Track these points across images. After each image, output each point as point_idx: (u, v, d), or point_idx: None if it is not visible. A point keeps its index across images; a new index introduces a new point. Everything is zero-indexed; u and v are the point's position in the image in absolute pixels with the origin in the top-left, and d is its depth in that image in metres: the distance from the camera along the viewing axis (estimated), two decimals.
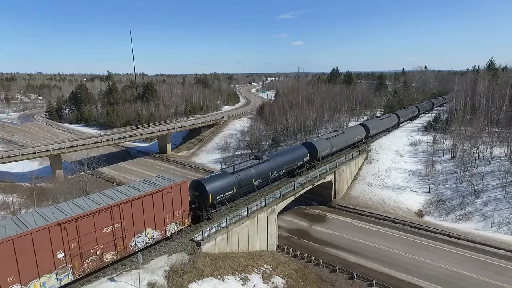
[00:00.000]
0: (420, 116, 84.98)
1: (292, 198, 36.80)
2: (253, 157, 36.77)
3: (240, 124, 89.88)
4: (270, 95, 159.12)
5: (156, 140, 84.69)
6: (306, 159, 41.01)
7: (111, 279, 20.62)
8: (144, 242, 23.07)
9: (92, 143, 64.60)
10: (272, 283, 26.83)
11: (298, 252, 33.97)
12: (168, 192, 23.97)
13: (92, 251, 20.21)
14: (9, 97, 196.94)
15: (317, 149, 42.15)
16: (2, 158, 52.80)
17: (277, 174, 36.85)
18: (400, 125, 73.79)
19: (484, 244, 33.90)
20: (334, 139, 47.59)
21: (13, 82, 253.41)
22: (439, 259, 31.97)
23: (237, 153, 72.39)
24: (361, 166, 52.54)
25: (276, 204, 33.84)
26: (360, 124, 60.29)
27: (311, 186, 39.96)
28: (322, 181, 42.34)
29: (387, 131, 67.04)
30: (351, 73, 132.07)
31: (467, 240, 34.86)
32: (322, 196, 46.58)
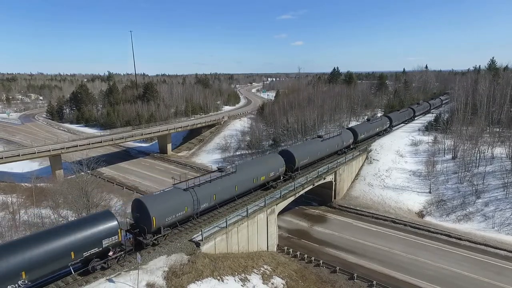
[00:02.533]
0: (393, 129, 68.57)
1: (292, 198, 36.69)
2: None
3: (240, 124, 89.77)
4: (271, 95, 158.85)
5: (156, 140, 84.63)
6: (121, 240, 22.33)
7: (110, 280, 20.51)
8: None
9: (92, 143, 64.55)
10: (272, 283, 26.70)
11: (298, 253, 33.84)
12: None
13: None
14: (10, 97, 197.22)
15: (151, 219, 23.50)
16: (2, 158, 52.71)
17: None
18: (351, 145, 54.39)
19: (485, 245, 33.74)
20: (204, 189, 27.90)
21: (14, 82, 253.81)
22: (440, 259, 31.83)
23: (237, 153, 72.30)
24: (362, 166, 52.38)
25: (276, 205, 33.72)
26: (281, 152, 40.57)
27: (311, 187, 39.83)
28: (322, 181, 42.19)
29: (332, 156, 49.17)
30: (352, 73, 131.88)
31: (468, 241, 34.69)
32: (322, 196, 46.45)
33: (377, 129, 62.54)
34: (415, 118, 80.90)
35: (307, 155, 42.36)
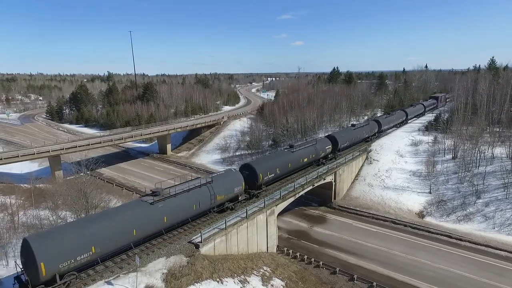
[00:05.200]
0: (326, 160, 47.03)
1: (292, 199, 36.57)
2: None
3: (240, 125, 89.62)
4: (270, 95, 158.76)
5: (156, 141, 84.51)
6: None
7: (108, 282, 20.41)
8: None
9: (91, 144, 64.35)
10: (272, 285, 26.59)
11: (298, 254, 33.70)
12: None
13: None
14: (10, 97, 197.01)
15: None
16: (1, 159, 52.58)
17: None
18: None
19: (485, 245, 33.61)
20: None
21: (13, 82, 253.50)
22: (440, 260, 31.70)
23: (237, 153, 72.16)
24: (362, 166, 52.25)
25: (276, 205, 33.60)
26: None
27: (311, 187, 39.70)
28: (322, 181, 42.06)
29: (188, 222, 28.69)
30: (352, 73, 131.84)
31: (469, 241, 34.56)
32: (322, 196, 46.33)
33: (306, 160, 41.65)
34: (381, 134, 62.94)
35: (110, 239, 21.69)
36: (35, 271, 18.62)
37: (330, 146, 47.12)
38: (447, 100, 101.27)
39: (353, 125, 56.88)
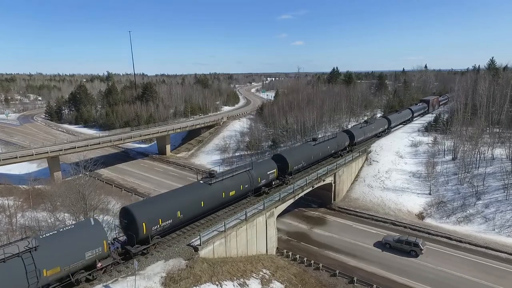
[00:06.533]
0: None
1: (291, 201, 36.42)
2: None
3: (239, 125, 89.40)
4: (270, 95, 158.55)
5: (155, 141, 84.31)
6: None
7: (106, 286, 20.25)
8: None
9: (90, 145, 64.08)
10: None
11: (297, 256, 33.54)
12: None
13: None
14: (9, 97, 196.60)
15: None
16: (0, 160, 52.39)
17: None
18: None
19: (485, 247, 33.47)
20: None
21: (13, 82, 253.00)
22: (440, 262, 31.57)
23: (236, 154, 72.00)
24: (361, 167, 52.11)
25: (275, 207, 33.46)
26: None
27: (310, 189, 39.57)
28: (321, 183, 41.92)
29: None
30: (351, 73, 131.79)
31: (469, 243, 34.43)
32: (322, 198, 46.18)
33: (233, 194, 31.19)
34: (347, 152, 51.99)
35: None
36: None
37: (274, 170, 36.11)
38: (441, 103, 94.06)
39: (314, 139, 45.88)
